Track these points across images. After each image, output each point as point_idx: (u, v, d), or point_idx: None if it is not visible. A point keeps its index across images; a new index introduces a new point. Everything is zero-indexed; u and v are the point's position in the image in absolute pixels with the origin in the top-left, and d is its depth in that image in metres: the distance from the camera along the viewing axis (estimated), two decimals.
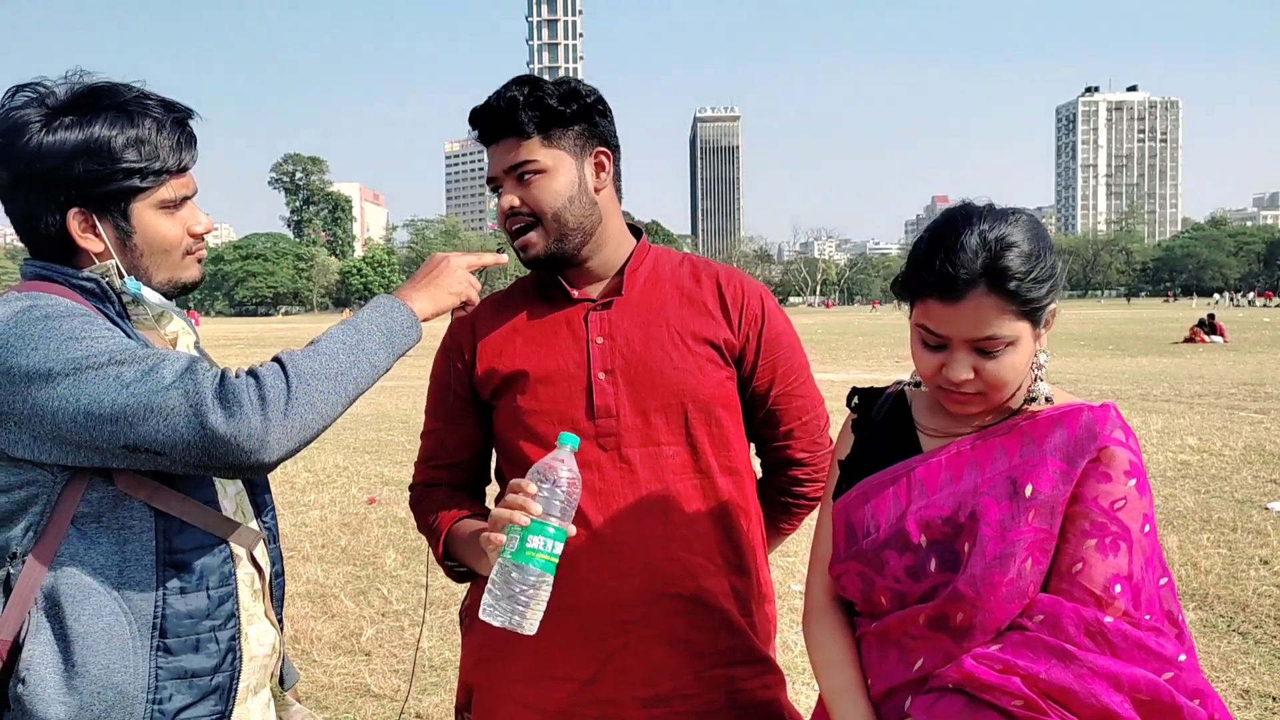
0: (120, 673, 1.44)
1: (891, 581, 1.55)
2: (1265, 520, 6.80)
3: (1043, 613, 1.44)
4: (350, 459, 10.13)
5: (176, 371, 1.36)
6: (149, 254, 1.56)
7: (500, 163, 1.85)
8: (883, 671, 1.55)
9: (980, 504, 1.49)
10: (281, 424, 1.37)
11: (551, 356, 1.88)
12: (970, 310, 1.45)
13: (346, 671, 4.57)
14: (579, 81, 1.88)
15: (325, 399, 1.43)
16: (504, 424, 1.92)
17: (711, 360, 1.88)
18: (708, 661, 1.85)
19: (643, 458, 1.84)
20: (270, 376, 1.39)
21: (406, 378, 21.13)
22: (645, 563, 1.81)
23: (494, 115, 1.83)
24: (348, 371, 1.48)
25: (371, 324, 1.56)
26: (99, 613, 1.43)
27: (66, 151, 1.46)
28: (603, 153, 1.90)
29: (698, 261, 2.01)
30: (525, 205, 1.83)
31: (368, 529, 7.15)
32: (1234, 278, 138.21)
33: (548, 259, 1.86)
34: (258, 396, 1.36)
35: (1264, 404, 13.05)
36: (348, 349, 1.50)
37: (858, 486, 1.63)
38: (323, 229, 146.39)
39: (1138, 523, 1.46)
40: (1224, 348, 25.99)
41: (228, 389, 1.36)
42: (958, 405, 1.56)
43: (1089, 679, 1.38)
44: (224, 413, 1.34)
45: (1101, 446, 1.48)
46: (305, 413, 1.40)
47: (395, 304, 1.62)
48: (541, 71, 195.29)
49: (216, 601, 1.54)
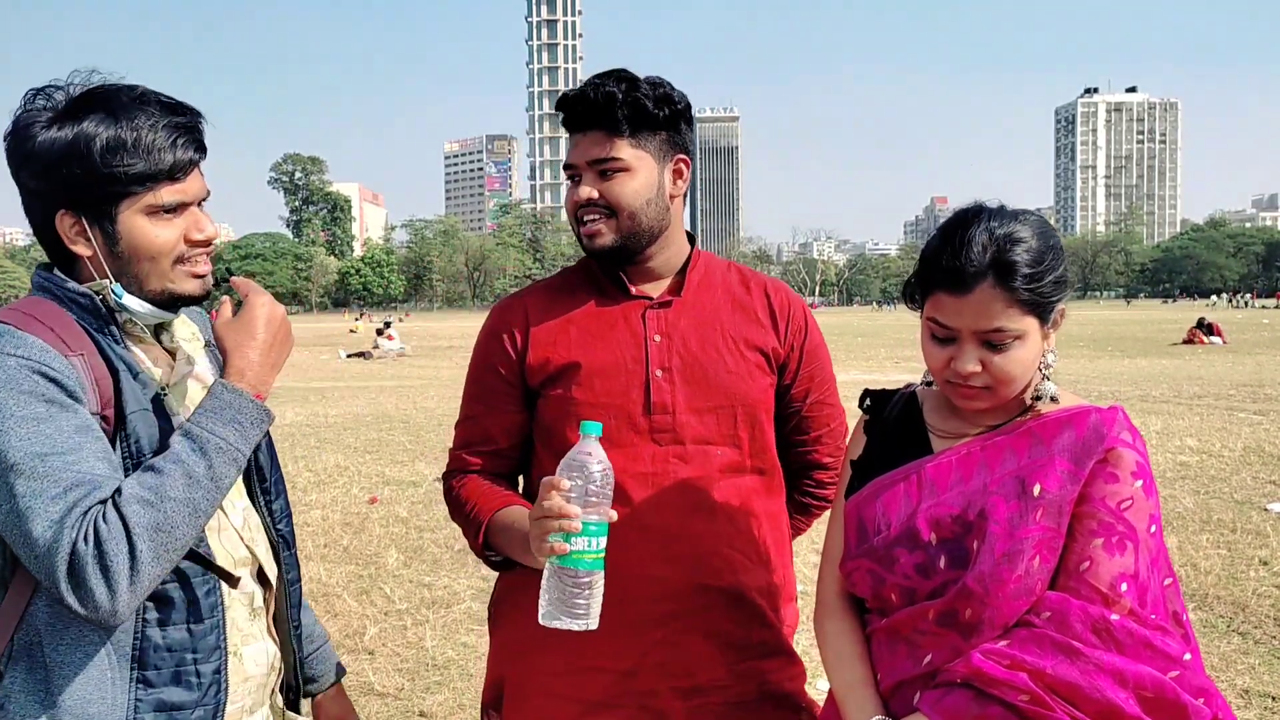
0: (97, 703, 1.42)
1: (901, 578, 1.57)
2: (1265, 521, 6.82)
3: (1050, 610, 1.46)
4: (351, 459, 10.14)
5: (52, 522, 1.32)
6: (136, 261, 1.50)
7: (584, 154, 1.86)
8: (892, 666, 1.58)
9: (989, 503, 1.52)
10: (128, 592, 1.33)
11: (608, 350, 1.90)
12: (978, 302, 1.49)
13: (350, 670, 4.57)
14: (671, 86, 1.90)
15: (176, 544, 1.38)
16: (553, 414, 1.92)
17: (759, 366, 1.94)
18: (741, 654, 1.89)
19: (692, 454, 1.87)
20: (112, 544, 1.32)
21: (407, 378, 21.16)
22: (691, 555, 1.85)
23: (587, 106, 1.85)
24: (198, 505, 1.39)
25: (221, 440, 1.43)
26: (78, 643, 1.42)
27: (55, 153, 1.43)
28: (683, 160, 1.94)
29: (745, 270, 2.07)
30: (603, 199, 1.86)
31: (369, 528, 7.16)
32: (1233, 279, 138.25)
33: (611, 252, 1.89)
34: (101, 574, 1.31)
35: (1263, 405, 13.07)
36: (194, 482, 1.39)
37: (869, 485, 1.66)
38: (322, 229, 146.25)
39: (1144, 523, 1.49)
40: (1223, 349, 26.02)
41: (76, 569, 1.31)
42: (965, 400, 1.58)
43: (1095, 675, 1.40)
44: (74, 596, 1.31)
45: (1109, 448, 1.50)
46: (154, 568, 1.36)
47: (241, 403, 1.48)
48: (540, 73, 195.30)
49: (199, 635, 1.51)
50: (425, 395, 16.78)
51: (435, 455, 10.32)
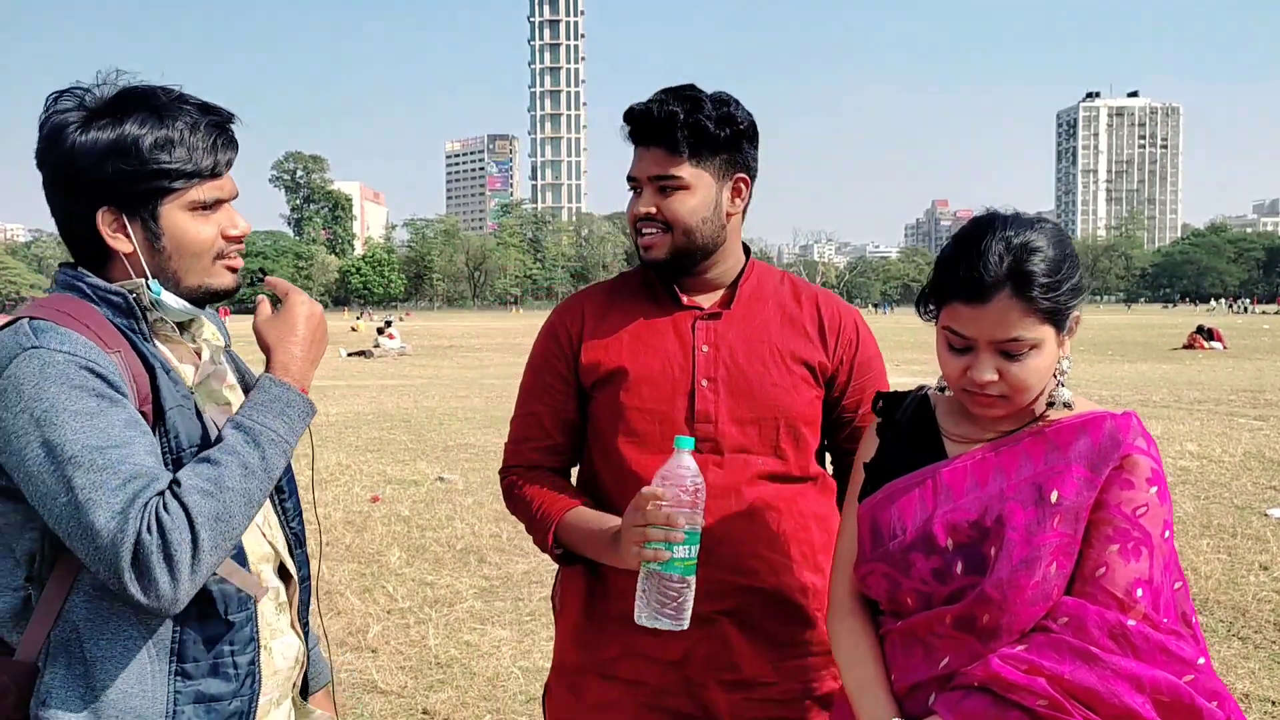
0: (138, 697, 1.44)
1: (918, 583, 1.58)
2: (1265, 526, 6.83)
3: (1067, 615, 1.47)
4: (353, 457, 10.15)
5: (115, 513, 1.34)
6: (178, 257, 1.54)
7: (645, 168, 1.92)
8: (908, 668, 1.59)
9: (1006, 509, 1.53)
10: (189, 580, 1.36)
11: (656, 358, 1.95)
12: (995, 313, 1.49)
13: (353, 668, 4.60)
14: (737, 105, 1.94)
15: (233, 533, 1.42)
16: (602, 417, 1.99)
17: (805, 380, 1.97)
18: (786, 652, 1.95)
19: (733, 462, 1.92)
20: (176, 534, 1.35)
21: (408, 377, 21.19)
22: (731, 557, 1.90)
23: (650, 124, 1.90)
24: (254, 494, 1.45)
25: (272, 432, 1.49)
26: (117, 637, 1.44)
27: (99, 151, 1.46)
28: (742, 179, 1.98)
29: (798, 282, 2.10)
30: (661, 215, 1.91)
31: (372, 527, 7.17)
32: (1234, 284, 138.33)
33: (666, 264, 1.94)
34: (165, 563, 1.34)
35: (1263, 410, 13.10)
36: (250, 473, 1.45)
37: (884, 489, 1.66)
38: (323, 227, 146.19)
39: (1158, 528, 1.50)
40: (1223, 354, 26.05)
41: (141, 559, 1.34)
42: (981, 408, 1.59)
43: (1112, 680, 1.41)
44: (138, 585, 1.33)
45: (1125, 454, 1.52)
46: (211, 557, 1.39)
47: (289, 395, 1.54)
48: (543, 73, 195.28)
49: (235, 627, 1.53)
50: (426, 394, 16.80)
51: (436, 454, 10.34)
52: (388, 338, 30.32)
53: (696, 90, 1.92)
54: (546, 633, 5.03)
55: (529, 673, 4.52)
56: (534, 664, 4.61)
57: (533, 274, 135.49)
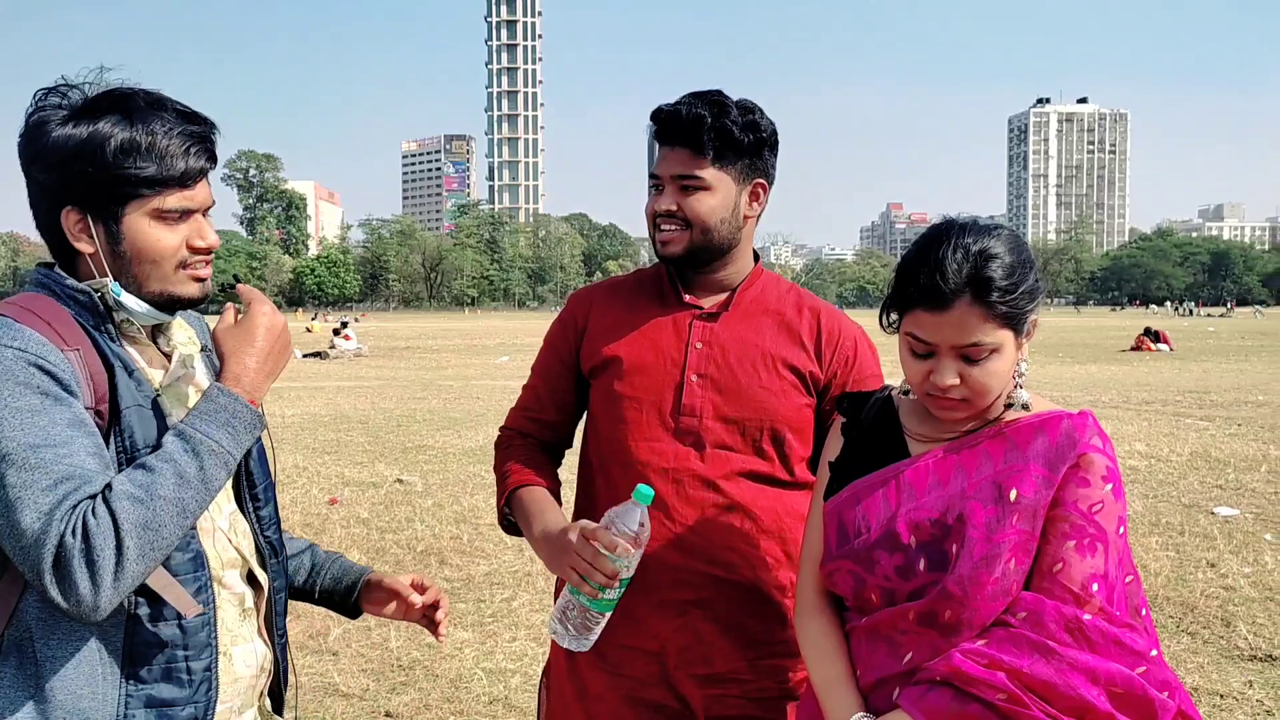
0: (89, 699, 1.43)
1: (882, 580, 1.62)
2: (1212, 525, 7.01)
3: (1026, 610, 1.52)
4: (310, 460, 10.06)
5: (41, 513, 1.33)
6: (137, 263, 1.52)
7: (669, 168, 1.98)
8: (872, 664, 1.62)
9: (967, 507, 1.57)
10: (111, 588, 1.34)
11: (651, 350, 2.02)
12: (956, 319, 1.54)
13: (314, 671, 4.57)
14: (761, 113, 2.01)
15: (162, 543, 1.39)
16: (597, 403, 2.07)
17: (795, 387, 2.01)
18: (762, 650, 1.98)
19: (715, 458, 1.97)
20: (99, 539, 1.33)
21: (365, 378, 20.99)
22: (704, 548, 1.95)
23: (677, 124, 1.96)
24: (187, 505, 1.41)
25: (214, 443, 1.45)
26: (68, 638, 1.42)
27: (68, 150, 1.45)
28: (761, 184, 2.04)
29: (804, 295, 2.15)
30: (681, 212, 1.97)
31: (330, 529, 7.12)
32: (1179, 288, 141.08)
33: (679, 259, 2.01)
34: (87, 568, 1.33)
35: (1209, 411, 13.41)
36: (185, 482, 1.41)
37: (849, 488, 1.70)
38: (276, 227, 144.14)
39: (1113, 525, 1.55)
40: (1170, 356, 26.59)
41: (62, 562, 1.33)
42: (944, 411, 1.63)
43: (1068, 673, 1.46)
44: (58, 589, 1.33)
45: (1081, 453, 1.56)
46: (138, 565, 1.36)
47: (236, 406, 1.49)
48: (500, 73, 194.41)
49: (190, 632, 1.51)
50: (383, 396, 16.67)
51: (395, 456, 10.28)
52: (344, 339, 30.01)
53: (723, 96, 1.98)
54: (509, 634, 5.03)
55: (492, 674, 4.52)
56: (497, 665, 4.62)
57: (490, 275, 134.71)
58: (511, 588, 5.76)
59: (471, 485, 8.71)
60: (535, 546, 1.94)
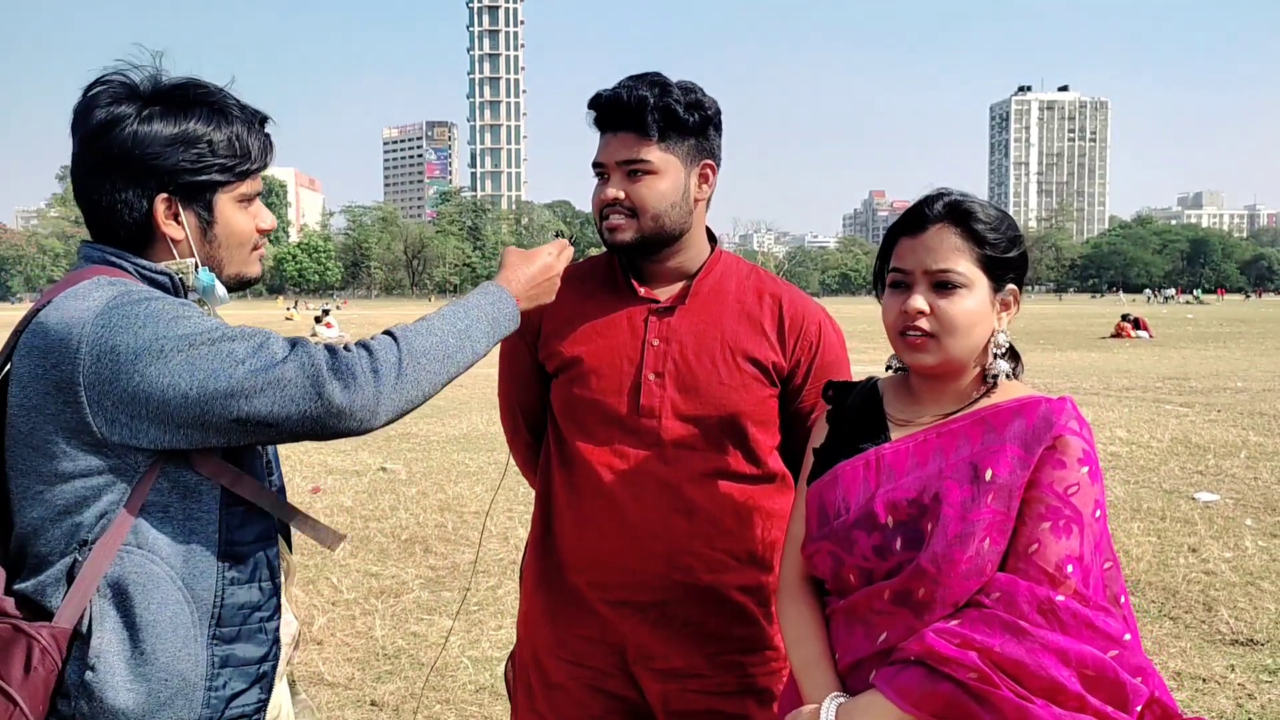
0: (184, 660, 1.48)
1: (860, 560, 1.64)
2: (1193, 510, 7.06)
3: (999, 590, 1.53)
4: (292, 448, 10.00)
5: (287, 346, 1.45)
6: (225, 245, 1.63)
7: (613, 154, 1.92)
8: (849, 646, 1.64)
9: (944, 487, 1.59)
10: (392, 394, 1.47)
11: (608, 349, 1.96)
12: (932, 239, 1.62)
13: (299, 661, 4.55)
14: (703, 92, 1.96)
15: (430, 378, 1.53)
16: (557, 403, 2.04)
17: (757, 379, 1.97)
18: (721, 647, 1.96)
19: (676, 458, 1.93)
20: (383, 350, 1.49)
21: None
22: (665, 553, 1.92)
23: (620, 108, 1.90)
24: (454, 355, 1.57)
25: (480, 311, 1.65)
26: (165, 602, 1.47)
27: (163, 140, 1.53)
28: (709, 165, 1.99)
29: (765, 278, 2.08)
30: (629, 200, 1.91)
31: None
32: (1159, 275, 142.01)
33: (630, 247, 1.95)
34: (370, 369, 1.46)
35: (1188, 397, 13.51)
36: (457, 334, 1.59)
37: (830, 470, 1.72)
38: None
39: (1089, 507, 1.56)
40: (1149, 343, 26.79)
41: (340, 362, 1.44)
42: (914, 351, 1.65)
43: (1040, 653, 1.47)
44: (340, 385, 1.43)
45: (1057, 435, 1.58)
46: (411, 389, 1.50)
47: (504, 296, 1.71)
48: (481, 59, 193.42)
49: (268, 594, 1.59)
50: None
51: (378, 444, 10.25)
52: (325, 326, 29.87)
53: (663, 77, 1.93)
54: (494, 622, 5.03)
55: (478, 662, 4.52)
56: (482, 653, 4.62)
57: (472, 262, 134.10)
58: (497, 575, 5.75)
59: (455, 473, 8.70)
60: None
